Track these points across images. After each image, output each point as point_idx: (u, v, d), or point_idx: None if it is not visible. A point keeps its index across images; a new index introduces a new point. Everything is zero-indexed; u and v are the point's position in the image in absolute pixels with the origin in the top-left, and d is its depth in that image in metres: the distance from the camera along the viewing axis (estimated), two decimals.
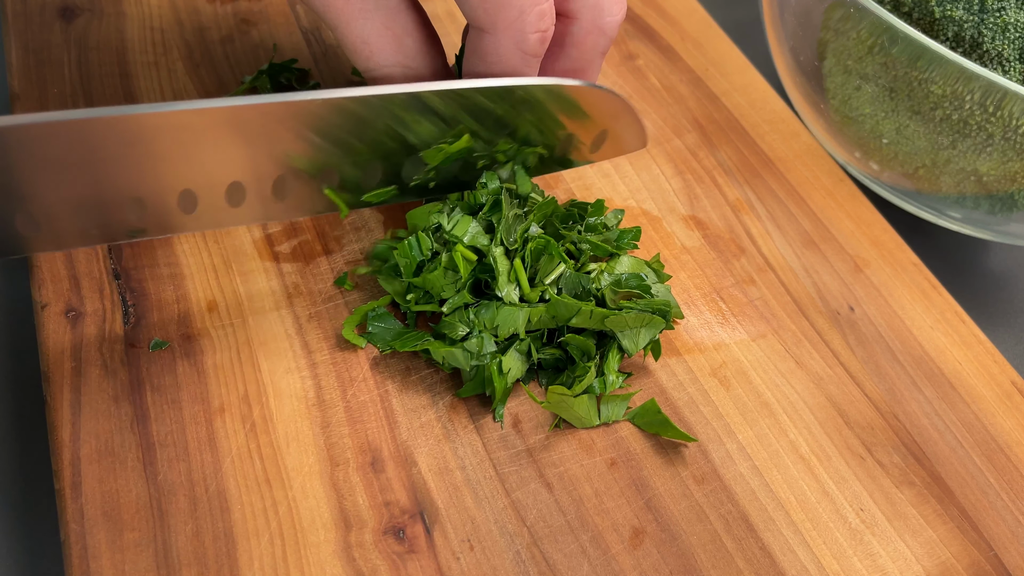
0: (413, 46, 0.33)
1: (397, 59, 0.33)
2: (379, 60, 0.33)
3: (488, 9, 0.30)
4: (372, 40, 0.32)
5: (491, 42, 0.31)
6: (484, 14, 0.31)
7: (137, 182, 0.31)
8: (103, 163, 0.29)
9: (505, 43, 0.31)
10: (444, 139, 0.34)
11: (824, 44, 0.43)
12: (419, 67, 0.33)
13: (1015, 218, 0.42)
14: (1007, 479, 0.34)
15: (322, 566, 0.29)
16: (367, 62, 0.33)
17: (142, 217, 0.32)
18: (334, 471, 0.31)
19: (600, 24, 0.34)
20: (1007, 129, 0.37)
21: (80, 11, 0.45)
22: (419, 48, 0.33)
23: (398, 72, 0.33)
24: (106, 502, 0.30)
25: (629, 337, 0.34)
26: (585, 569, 0.30)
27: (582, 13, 0.33)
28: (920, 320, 0.39)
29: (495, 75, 0.33)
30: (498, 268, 0.34)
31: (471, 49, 0.33)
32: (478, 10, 0.31)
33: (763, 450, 0.34)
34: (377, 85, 0.33)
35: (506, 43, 0.31)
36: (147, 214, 0.32)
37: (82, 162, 0.29)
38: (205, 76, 0.43)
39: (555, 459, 0.32)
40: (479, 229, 0.35)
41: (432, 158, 0.35)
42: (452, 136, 0.35)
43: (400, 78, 0.33)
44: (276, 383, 0.33)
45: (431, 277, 0.33)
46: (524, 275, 0.34)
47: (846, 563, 0.31)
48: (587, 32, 0.34)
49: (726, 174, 0.43)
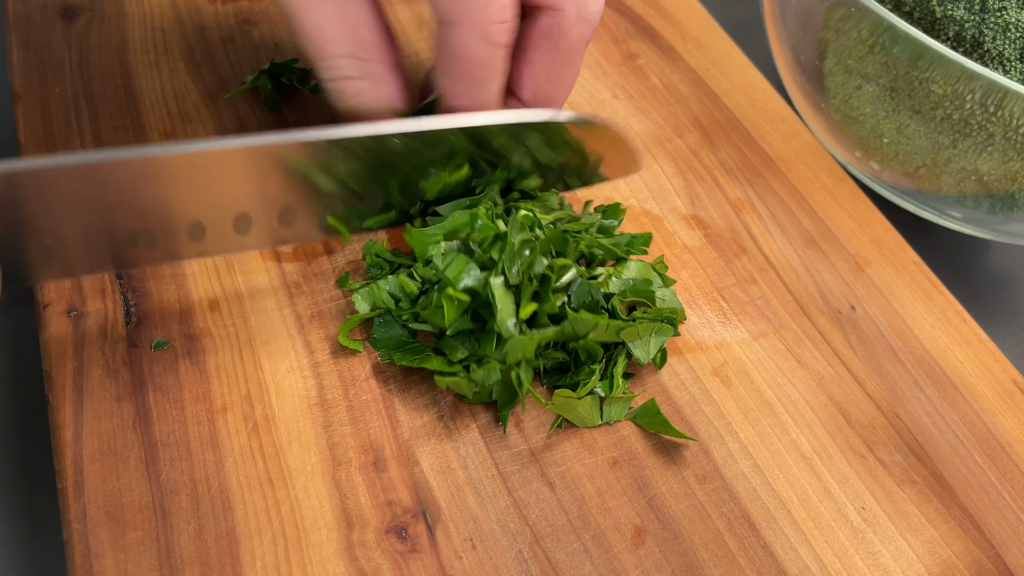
0: (368, 38, 0.33)
1: (351, 50, 0.33)
2: (332, 50, 0.32)
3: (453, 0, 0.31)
4: (326, 28, 0.32)
5: (457, 34, 0.32)
6: (448, 5, 0.31)
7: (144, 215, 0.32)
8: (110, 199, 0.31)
9: (470, 34, 0.32)
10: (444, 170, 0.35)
11: (825, 43, 0.43)
12: (373, 61, 0.33)
13: (1016, 217, 0.42)
14: (1008, 478, 0.34)
15: (324, 565, 0.29)
16: (319, 50, 0.33)
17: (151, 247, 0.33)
18: (336, 470, 0.31)
19: (585, 15, 0.34)
20: (1008, 129, 0.37)
21: (81, 11, 0.45)
22: (374, 41, 0.33)
23: (350, 65, 0.33)
24: (109, 502, 0.30)
25: (640, 347, 0.34)
26: (587, 568, 0.30)
27: (567, 5, 0.34)
28: (921, 319, 0.39)
29: (462, 70, 0.33)
30: (496, 304, 0.32)
31: (439, 45, 0.33)
32: (444, 1, 0.31)
33: (765, 449, 0.34)
34: (327, 78, 0.33)
35: (471, 34, 0.32)
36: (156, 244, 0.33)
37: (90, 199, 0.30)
38: (206, 76, 0.43)
39: (557, 458, 0.32)
40: (475, 269, 0.33)
41: (431, 189, 0.36)
42: (453, 167, 0.35)
43: (352, 71, 0.33)
44: (278, 382, 0.33)
45: (426, 314, 0.33)
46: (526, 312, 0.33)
47: (848, 561, 0.31)
48: (573, 23, 0.34)
49: (727, 173, 0.43)
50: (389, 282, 0.35)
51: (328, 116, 0.36)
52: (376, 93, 0.34)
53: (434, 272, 0.34)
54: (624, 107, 0.45)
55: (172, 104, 0.42)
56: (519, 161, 0.36)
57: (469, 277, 0.33)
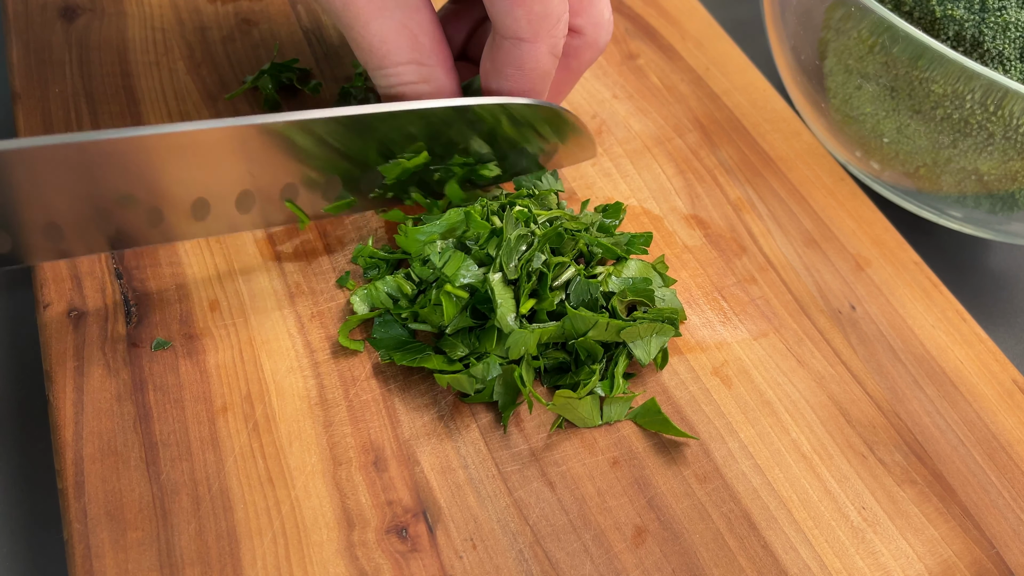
0: (428, 44, 0.34)
1: (412, 56, 0.34)
2: (394, 58, 0.33)
3: (532, 20, 0.32)
4: (390, 39, 0.33)
5: (531, 51, 0.33)
6: (528, 25, 0.32)
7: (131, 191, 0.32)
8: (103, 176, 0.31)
9: (543, 50, 0.33)
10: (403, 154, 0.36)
11: (825, 43, 0.43)
12: (432, 65, 0.34)
13: (1016, 217, 0.42)
14: (1008, 477, 0.34)
15: (325, 565, 0.29)
16: (382, 60, 0.33)
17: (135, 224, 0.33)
18: (337, 470, 0.31)
19: (598, 41, 0.36)
20: (1008, 128, 0.37)
21: (81, 11, 0.45)
22: (433, 47, 0.34)
23: (411, 71, 0.34)
24: (109, 501, 0.30)
25: (641, 347, 0.34)
26: (587, 568, 0.30)
27: (587, 29, 0.36)
28: (921, 319, 0.39)
29: (529, 81, 0.35)
30: (496, 300, 0.32)
31: (504, 60, 0.34)
32: (522, 21, 0.32)
33: (765, 448, 0.34)
34: (387, 85, 0.34)
35: (544, 50, 0.33)
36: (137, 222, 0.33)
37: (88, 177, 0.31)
38: (206, 75, 0.43)
39: (557, 458, 0.32)
40: (473, 266, 0.33)
41: (390, 173, 0.36)
42: (411, 152, 0.36)
43: (413, 76, 0.34)
44: (278, 382, 0.33)
45: (424, 312, 0.33)
46: (526, 307, 0.33)
47: (848, 561, 0.31)
48: (588, 46, 0.36)
49: (727, 173, 0.43)
50: (387, 282, 0.35)
51: None
52: (435, 96, 0.35)
53: (431, 271, 0.34)
54: (624, 107, 0.45)
55: (172, 104, 0.42)
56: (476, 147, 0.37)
57: (467, 274, 0.33)
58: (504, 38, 0.33)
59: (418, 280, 0.35)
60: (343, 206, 0.37)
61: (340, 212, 0.37)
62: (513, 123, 0.36)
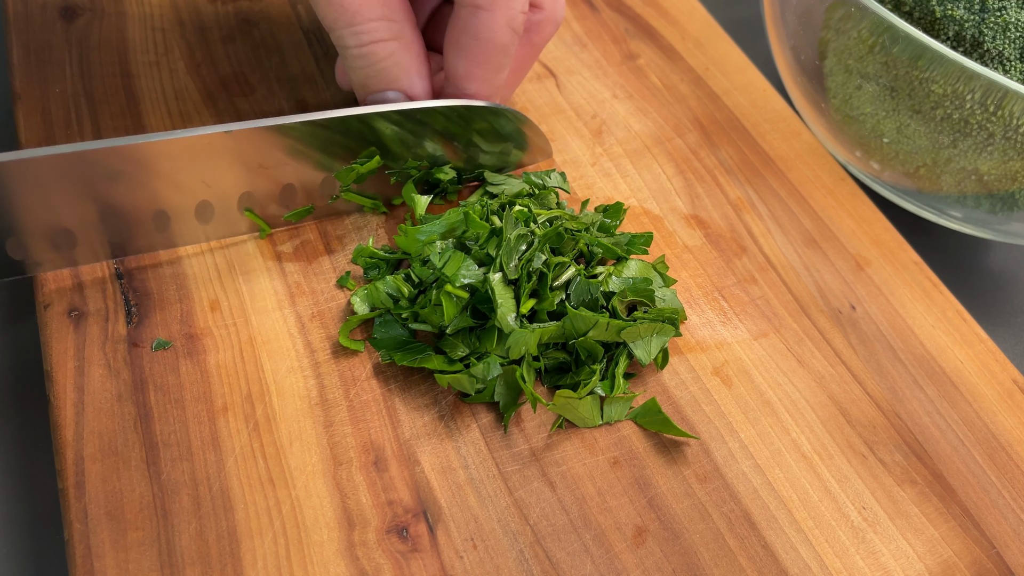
0: (396, 3, 0.35)
1: (383, 12, 0.34)
2: (366, 14, 0.34)
3: None
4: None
5: (487, 19, 0.34)
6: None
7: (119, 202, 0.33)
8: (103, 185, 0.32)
9: (499, 20, 0.34)
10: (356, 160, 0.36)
11: (825, 43, 0.43)
12: (402, 22, 0.35)
13: (1016, 217, 0.42)
14: (1008, 477, 0.34)
15: (325, 565, 0.29)
16: (353, 17, 0.34)
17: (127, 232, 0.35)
18: (337, 470, 0.31)
19: (556, 16, 0.38)
20: (1008, 128, 0.37)
21: (81, 11, 0.45)
22: (401, 5, 0.35)
23: (382, 27, 0.34)
24: (110, 502, 0.30)
25: (641, 347, 0.34)
26: (588, 568, 0.30)
27: (546, 3, 0.38)
28: (921, 319, 0.39)
29: (486, 53, 0.35)
30: (496, 299, 0.32)
31: (461, 28, 0.35)
32: None
33: (765, 448, 0.34)
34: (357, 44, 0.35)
35: (500, 20, 0.34)
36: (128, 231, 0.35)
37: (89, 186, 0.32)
38: (206, 76, 0.43)
39: (558, 458, 0.32)
40: (473, 265, 0.33)
41: (344, 178, 0.37)
42: (364, 156, 0.36)
43: (384, 33, 0.35)
44: (279, 382, 0.33)
45: (424, 312, 0.33)
46: (526, 307, 0.33)
47: (848, 561, 0.31)
48: (547, 21, 0.38)
49: (727, 173, 0.43)
50: (387, 282, 0.35)
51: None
52: (406, 53, 0.35)
53: (431, 271, 0.34)
54: (624, 107, 0.45)
55: (172, 104, 0.42)
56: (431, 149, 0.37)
57: (467, 274, 0.33)
58: (462, 6, 0.34)
59: (418, 280, 0.35)
60: (302, 213, 0.37)
61: (301, 219, 0.38)
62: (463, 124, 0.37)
